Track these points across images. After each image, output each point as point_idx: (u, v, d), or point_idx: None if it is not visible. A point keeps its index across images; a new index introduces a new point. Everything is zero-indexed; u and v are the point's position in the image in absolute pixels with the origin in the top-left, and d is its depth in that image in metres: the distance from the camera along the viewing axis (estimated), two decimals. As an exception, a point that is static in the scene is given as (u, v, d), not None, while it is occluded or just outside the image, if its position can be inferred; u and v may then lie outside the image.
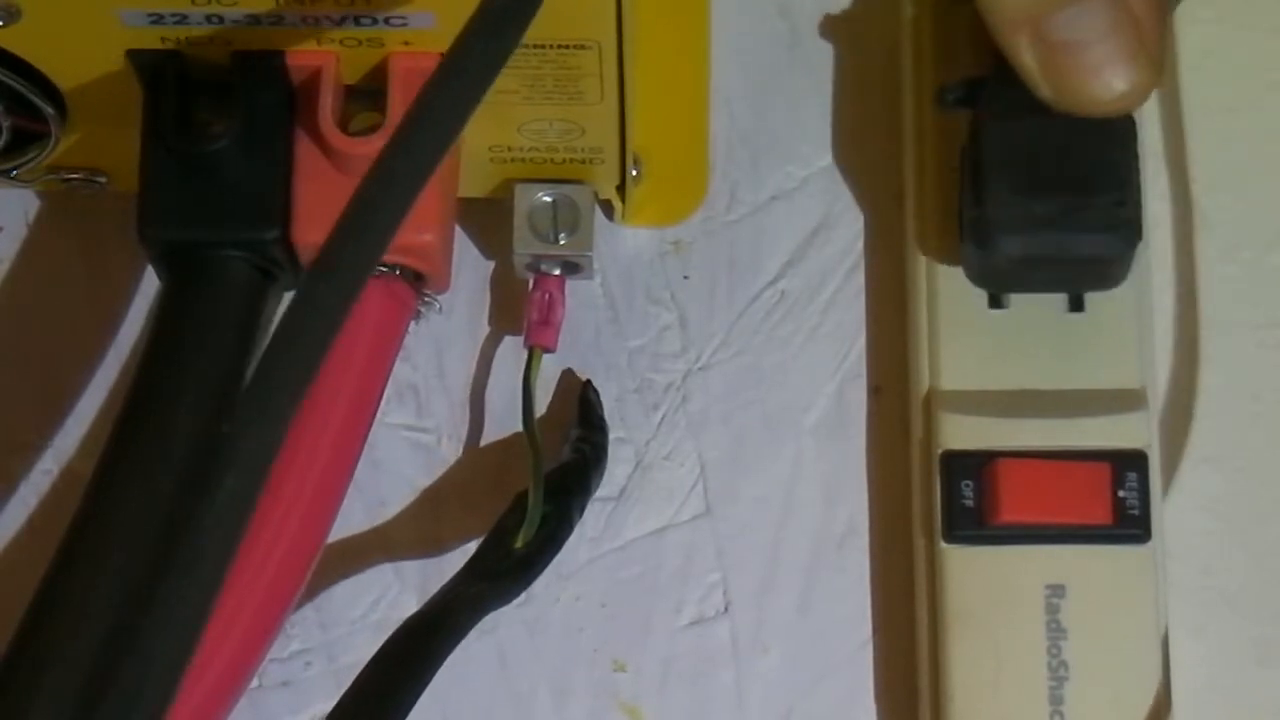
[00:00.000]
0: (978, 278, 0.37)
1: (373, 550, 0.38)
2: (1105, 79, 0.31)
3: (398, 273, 0.33)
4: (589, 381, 0.38)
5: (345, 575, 0.38)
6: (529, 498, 0.35)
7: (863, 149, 0.40)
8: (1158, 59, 0.31)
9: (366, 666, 0.32)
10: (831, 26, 0.40)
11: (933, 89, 0.37)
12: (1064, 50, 0.31)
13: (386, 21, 0.31)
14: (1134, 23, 0.31)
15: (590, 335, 0.39)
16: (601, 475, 0.37)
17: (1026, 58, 0.31)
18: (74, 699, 0.30)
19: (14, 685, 0.30)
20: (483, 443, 0.39)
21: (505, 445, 0.38)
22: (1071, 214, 0.34)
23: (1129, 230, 0.35)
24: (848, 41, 0.40)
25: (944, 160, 0.37)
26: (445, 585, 0.34)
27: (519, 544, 0.35)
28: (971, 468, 0.36)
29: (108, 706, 0.24)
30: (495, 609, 0.35)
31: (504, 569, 0.35)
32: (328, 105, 0.32)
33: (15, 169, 0.35)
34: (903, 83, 0.39)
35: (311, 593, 0.38)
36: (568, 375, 0.39)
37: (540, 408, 0.38)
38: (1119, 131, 0.35)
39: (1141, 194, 0.35)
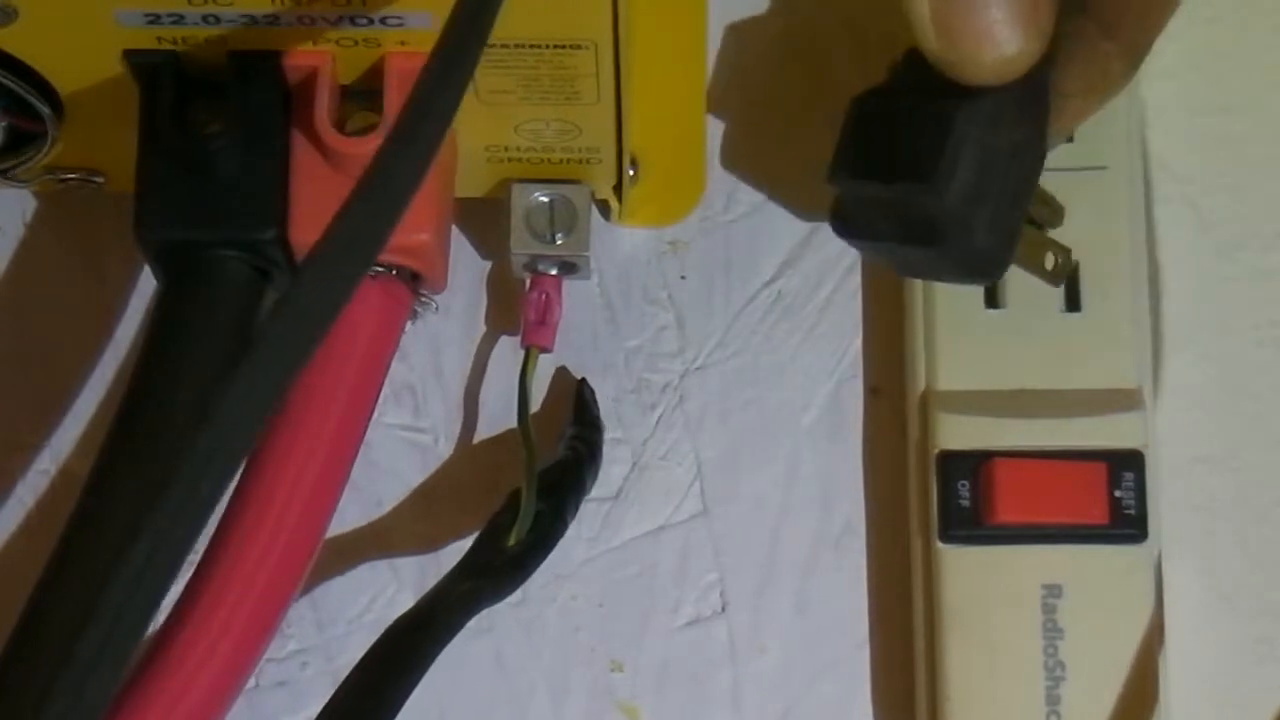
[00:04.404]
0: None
1: (369, 550, 0.38)
2: (995, 40, 0.30)
3: (394, 273, 0.33)
4: (584, 379, 0.38)
5: (342, 575, 0.38)
6: (522, 496, 0.35)
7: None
8: (1046, 31, 0.30)
9: (358, 665, 0.32)
10: (830, 26, 0.40)
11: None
12: (959, 4, 0.30)
13: (383, 21, 0.31)
14: None
15: (587, 335, 0.39)
16: (596, 473, 0.37)
17: (920, 5, 0.30)
18: (74, 698, 0.30)
19: (14, 685, 0.30)
20: (479, 442, 0.39)
21: (502, 445, 0.38)
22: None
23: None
24: (846, 41, 0.40)
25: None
26: (437, 583, 0.34)
27: (512, 542, 0.35)
28: (968, 468, 0.36)
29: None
30: (487, 607, 0.35)
31: (496, 567, 0.35)
32: (324, 105, 0.32)
33: (12, 169, 0.35)
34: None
35: (308, 592, 0.38)
36: (564, 374, 0.39)
37: (536, 406, 0.38)
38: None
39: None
